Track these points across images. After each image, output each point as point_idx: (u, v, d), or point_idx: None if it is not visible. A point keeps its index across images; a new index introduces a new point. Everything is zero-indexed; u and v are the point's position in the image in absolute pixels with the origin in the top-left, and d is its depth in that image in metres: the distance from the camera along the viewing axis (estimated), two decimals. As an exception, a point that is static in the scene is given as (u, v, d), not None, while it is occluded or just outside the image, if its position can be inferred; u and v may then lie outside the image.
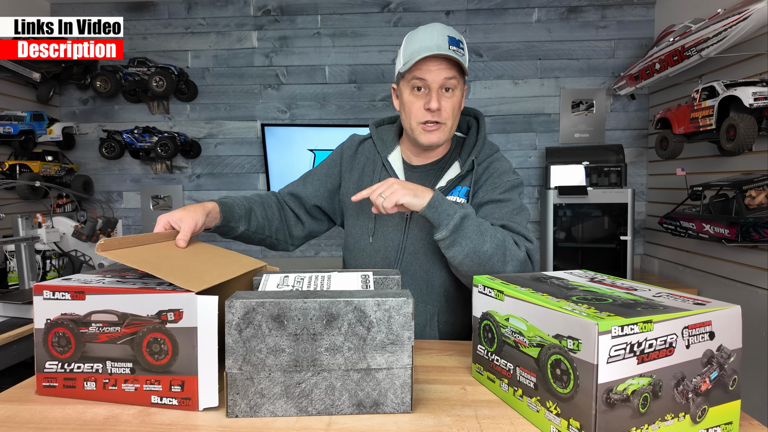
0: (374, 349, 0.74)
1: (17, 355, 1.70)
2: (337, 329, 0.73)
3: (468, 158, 1.19)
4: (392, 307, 0.73)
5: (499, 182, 1.17)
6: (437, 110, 1.11)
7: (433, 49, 1.07)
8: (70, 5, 2.97)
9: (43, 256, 2.24)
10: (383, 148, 1.27)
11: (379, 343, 0.74)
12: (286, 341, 0.72)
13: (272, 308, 0.72)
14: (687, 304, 0.71)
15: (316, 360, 0.73)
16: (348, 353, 0.73)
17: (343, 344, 0.73)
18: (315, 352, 0.73)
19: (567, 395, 0.66)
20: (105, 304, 0.75)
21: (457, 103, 1.15)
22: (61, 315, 0.77)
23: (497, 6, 2.89)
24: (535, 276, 0.93)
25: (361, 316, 0.73)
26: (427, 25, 1.13)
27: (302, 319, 0.72)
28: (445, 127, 1.15)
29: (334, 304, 0.72)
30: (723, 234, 1.85)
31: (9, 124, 2.45)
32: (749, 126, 1.73)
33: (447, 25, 1.13)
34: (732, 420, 0.71)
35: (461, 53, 1.11)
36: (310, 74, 2.97)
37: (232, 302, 0.72)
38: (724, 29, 1.85)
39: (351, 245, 1.29)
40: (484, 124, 1.25)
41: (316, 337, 0.72)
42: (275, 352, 0.72)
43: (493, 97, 2.92)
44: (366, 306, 0.73)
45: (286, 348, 0.72)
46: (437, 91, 1.11)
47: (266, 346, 0.72)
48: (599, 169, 2.56)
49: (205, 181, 3.05)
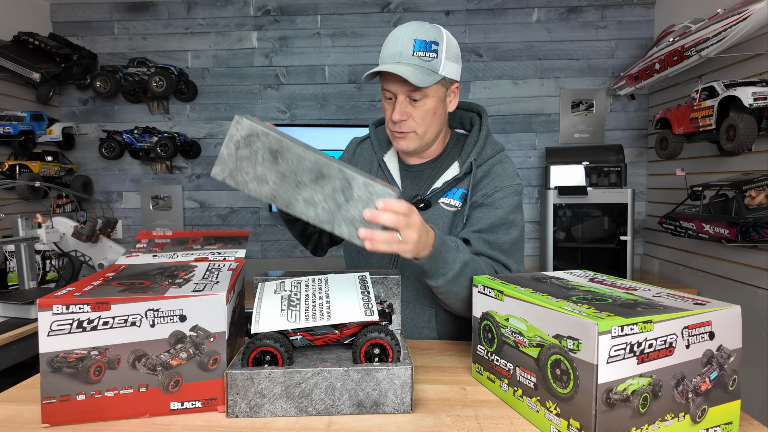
0: (344, 220, 0.76)
1: (17, 355, 1.71)
2: (320, 188, 0.75)
3: (467, 159, 1.16)
4: (376, 192, 0.75)
5: (500, 185, 1.13)
6: (401, 121, 1.09)
7: (394, 59, 1.05)
8: (69, 5, 2.97)
9: (43, 256, 2.24)
10: (379, 147, 1.26)
11: (351, 218, 0.76)
12: (272, 175, 0.74)
13: (273, 143, 0.74)
14: (687, 304, 0.71)
15: (290, 204, 0.75)
16: (321, 212, 0.75)
17: (319, 202, 0.76)
18: (293, 198, 0.75)
19: (567, 395, 0.66)
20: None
21: (430, 110, 1.09)
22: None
23: (497, 6, 2.89)
24: (535, 276, 0.93)
25: (346, 186, 0.75)
26: (401, 26, 1.08)
27: (295, 164, 0.74)
28: (414, 135, 1.12)
29: (329, 166, 0.74)
30: (723, 234, 1.85)
31: (9, 125, 2.45)
32: (749, 126, 1.73)
33: (423, 23, 1.08)
34: (732, 420, 0.71)
35: (430, 57, 1.04)
36: (310, 74, 2.97)
37: (241, 120, 0.72)
38: (724, 29, 1.85)
39: (351, 245, 1.29)
40: (487, 121, 1.21)
41: (299, 186, 0.75)
42: (259, 180, 0.74)
43: (492, 97, 2.92)
44: (354, 180, 0.75)
45: (269, 181, 0.75)
46: (402, 101, 1.08)
47: (254, 171, 0.74)
48: (599, 169, 2.56)
49: (205, 182, 3.05)
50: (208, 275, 0.89)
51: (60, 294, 0.76)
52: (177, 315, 0.76)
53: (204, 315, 0.77)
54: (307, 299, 0.88)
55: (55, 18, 3.00)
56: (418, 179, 1.22)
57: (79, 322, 0.73)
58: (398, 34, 1.07)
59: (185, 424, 0.75)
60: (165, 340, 0.75)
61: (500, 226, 1.11)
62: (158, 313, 0.75)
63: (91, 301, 0.74)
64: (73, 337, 0.73)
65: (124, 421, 0.75)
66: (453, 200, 1.16)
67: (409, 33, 1.05)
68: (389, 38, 1.08)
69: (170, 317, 0.75)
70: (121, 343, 0.74)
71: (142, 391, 0.76)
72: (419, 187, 1.21)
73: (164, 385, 0.76)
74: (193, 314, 0.76)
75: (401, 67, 1.03)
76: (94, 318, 0.73)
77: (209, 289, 0.79)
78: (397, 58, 1.05)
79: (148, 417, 0.76)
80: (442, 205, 1.16)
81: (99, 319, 0.74)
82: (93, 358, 0.74)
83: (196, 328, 0.76)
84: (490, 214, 1.11)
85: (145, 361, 0.75)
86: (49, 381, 0.73)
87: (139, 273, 0.91)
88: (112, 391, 0.75)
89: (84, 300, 0.74)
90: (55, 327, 0.73)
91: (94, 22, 3.00)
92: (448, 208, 1.16)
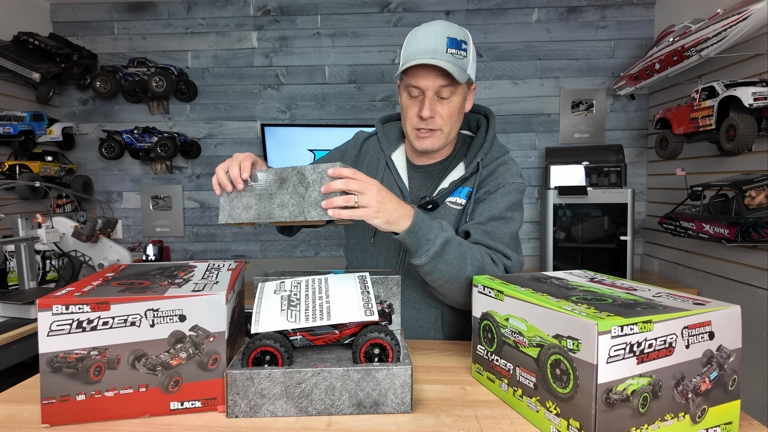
0: (311, 206, 0.89)
1: (17, 355, 1.71)
2: (285, 189, 0.91)
3: (474, 160, 1.16)
4: (324, 169, 0.90)
5: (503, 182, 1.15)
6: (430, 118, 1.09)
7: (428, 54, 1.03)
8: (69, 5, 2.97)
9: (43, 256, 2.24)
10: (387, 145, 1.26)
11: (314, 201, 0.89)
12: (253, 200, 0.93)
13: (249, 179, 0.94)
14: (687, 304, 0.71)
15: (271, 215, 0.91)
16: (292, 208, 0.90)
17: (288, 202, 0.91)
18: (271, 209, 0.92)
19: (567, 395, 0.66)
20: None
21: (456, 107, 1.10)
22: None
23: (497, 6, 2.89)
24: (535, 276, 0.93)
25: (301, 177, 0.90)
26: (428, 23, 1.08)
27: (264, 182, 0.92)
28: (441, 133, 1.12)
29: (284, 170, 0.91)
30: (723, 234, 1.85)
31: (9, 125, 2.45)
32: (749, 126, 1.73)
33: (450, 23, 1.08)
34: (732, 420, 0.71)
35: (461, 56, 1.05)
36: (310, 74, 2.97)
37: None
38: (724, 29, 1.85)
39: (353, 246, 1.28)
40: (494, 123, 1.22)
41: (271, 197, 0.92)
42: (246, 208, 0.93)
43: (492, 97, 2.92)
44: (305, 169, 0.90)
45: (253, 206, 0.93)
46: (431, 98, 1.07)
47: (241, 204, 0.93)
48: (599, 169, 2.56)
49: (205, 182, 3.05)
50: (207, 275, 0.89)
51: (60, 294, 0.76)
52: (177, 315, 0.76)
53: (204, 315, 0.77)
54: (307, 299, 0.88)
55: (55, 18, 3.00)
56: (425, 179, 1.22)
57: (79, 322, 0.73)
58: (428, 30, 1.06)
59: (185, 424, 0.75)
60: (165, 340, 0.75)
61: (499, 219, 1.12)
62: (158, 313, 0.75)
63: (91, 301, 0.74)
64: (73, 337, 0.73)
65: (124, 421, 0.75)
66: (459, 198, 1.17)
67: (441, 30, 1.05)
68: (418, 34, 1.07)
69: (170, 317, 0.75)
70: (121, 343, 0.74)
71: (142, 391, 0.76)
72: (426, 188, 1.21)
73: (164, 385, 0.76)
74: (193, 314, 0.76)
75: (439, 61, 1.02)
76: (94, 318, 0.73)
77: (209, 289, 0.79)
78: (432, 54, 1.03)
79: (148, 417, 0.76)
80: (449, 204, 1.17)
81: (99, 319, 0.74)
82: (93, 358, 0.74)
83: (195, 328, 0.76)
84: (490, 208, 1.13)
85: (144, 361, 0.75)
86: (49, 381, 0.73)
87: (138, 273, 0.91)
88: (112, 391, 0.75)
89: (84, 300, 0.74)
90: (54, 327, 0.73)
91: (94, 22, 3.00)
92: (454, 207, 1.17)
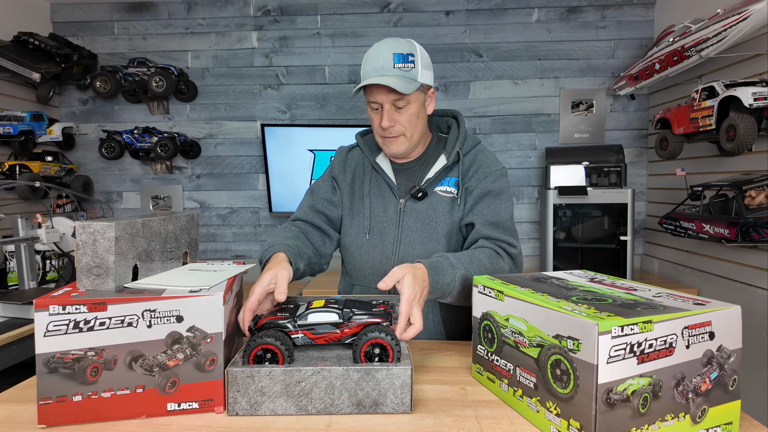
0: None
1: (17, 356, 1.70)
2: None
3: (453, 150, 1.26)
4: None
5: (489, 171, 1.24)
6: (390, 127, 1.19)
7: (377, 72, 1.14)
8: (69, 5, 2.97)
9: (43, 256, 2.24)
10: (370, 152, 1.35)
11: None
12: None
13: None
14: (687, 304, 0.71)
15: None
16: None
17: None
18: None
19: (567, 395, 0.66)
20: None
21: (414, 113, 1.20)
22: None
23: (497, 6, 2.88)
24: (535, 276, 0.93)
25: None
26: (378, 43, 1.18)
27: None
28: (404, 138, 1.22)
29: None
30: (723, 234, 1.84)
31: (9, 125, 2.44)
32: (749, 126, 1.73)
33: (397, 39, 1.17)
34: (732, 420, 0.71)
35: (408, 68, 1.15)
36: (310, 74, 2.97)
37: None
38: (724, 29, 1.85)
39: (348, 243, 1.32)
40: (464, 121, 1.33)
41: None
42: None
43: (492, 97, 2.92)
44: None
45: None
46: (389, 110, 1.18)
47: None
48: (599, 169, 2.56)
49: (205, 182, 3.05)
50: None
51: (56, 294, 0.76)
52: (174, 315, 0.75)
53: (201, 316, 0.76)
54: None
55: (55, 18, 3.00)
56: (410, 174, 1.31)
57: (76, 323, 0.73)
58: (377, 51, 1.17)
59: (185, 423, 0.74)
60: (162, 341, 0.75)
61: (499, 205, 1.23)
62: (155, 313, 0.75)
63: (88, 301, 0.73)
64: (70, 338, 0.73)
65: (122, 422, 0.75)
66: (449, 187, 1.26)
67: (387, 48, 1.16)
68: (368, 56, 1.18)
69: (167, 318, 0.75)
70: (118, 343, 0.74)
71: (139, 392, 0.75)
72: (412, 181, 1.30)
73: (161, 386, 0.76)
74: (190, 315, 0.76)
75: (386, 78, 1.13)
76: (91, 318, 0.73)
77: (206, 289, 0.79)
78: (380, 71, 1.14)
79: (145, 418, 0.76)
80: (439, 193, 1.26)
81: (95, 319, 0.73)
82: (89, 358, 0.73)
83: (193, 329, 0.76)
84: (489, 200, 1.22)
85: (141, 361, 0.75)
86: (46, 382, 0.73)
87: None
88: (109, 392, 0.74)
89: (80, 300, 0.73)
90: (51, 327, 0.72)
91: (94, 22, 2.99)
92: (445, 195, 1.26)
